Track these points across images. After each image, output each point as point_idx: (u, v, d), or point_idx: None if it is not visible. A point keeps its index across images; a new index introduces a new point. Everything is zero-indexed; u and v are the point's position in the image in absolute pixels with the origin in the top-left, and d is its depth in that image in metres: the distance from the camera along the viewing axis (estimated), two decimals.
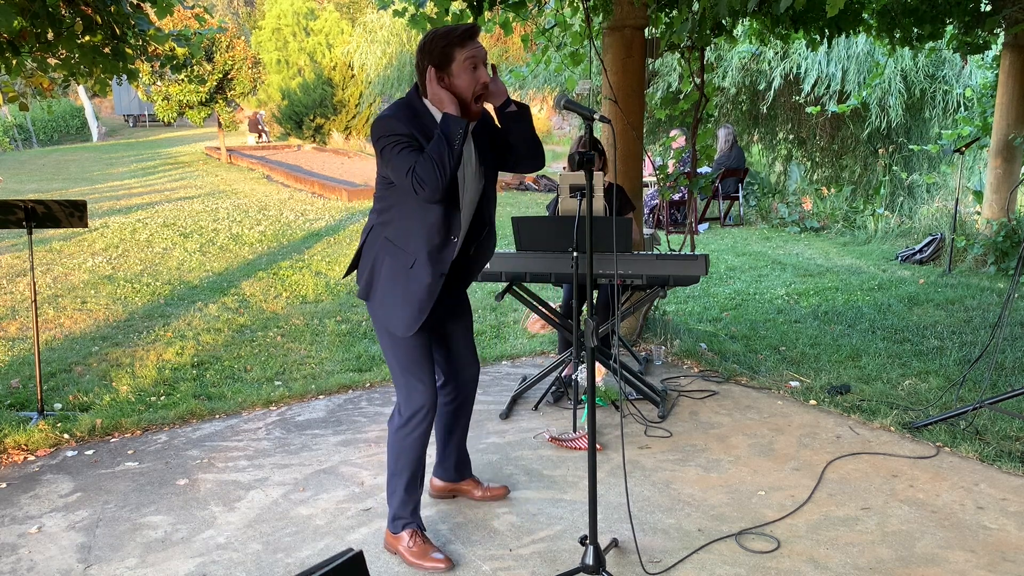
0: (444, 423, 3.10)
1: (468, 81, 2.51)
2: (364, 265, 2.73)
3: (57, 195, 13.47)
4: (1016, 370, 4.65)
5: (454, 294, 2.87)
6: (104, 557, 2.84)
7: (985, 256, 7.54)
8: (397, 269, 2.63)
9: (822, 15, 5.32)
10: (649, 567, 2.72)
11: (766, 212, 11.13)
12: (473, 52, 2.50)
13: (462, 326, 2.97)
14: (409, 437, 2.76)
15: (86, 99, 30.31)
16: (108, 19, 4.27)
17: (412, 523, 2.81)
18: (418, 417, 2.75)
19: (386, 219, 2.66)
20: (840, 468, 3.48)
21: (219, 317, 6.08)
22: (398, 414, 2.78)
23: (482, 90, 2.54)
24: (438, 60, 2.51)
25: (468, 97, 2.53)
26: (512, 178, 15.11)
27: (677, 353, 5.12)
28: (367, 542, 2.92)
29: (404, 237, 2.62)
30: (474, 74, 2.51)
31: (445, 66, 2.50)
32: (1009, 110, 7.62)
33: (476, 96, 2.54)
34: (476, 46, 2.51)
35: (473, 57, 2.50)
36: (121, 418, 4.05)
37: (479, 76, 2.52)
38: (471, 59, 2.50)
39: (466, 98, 2.53)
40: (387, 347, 2.73)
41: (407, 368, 2.72)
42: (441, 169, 2.41)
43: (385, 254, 2.65)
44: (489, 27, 5.37)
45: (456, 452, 3.18)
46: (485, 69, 2.54)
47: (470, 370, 3.04)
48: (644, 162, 5.48)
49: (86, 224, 4.23)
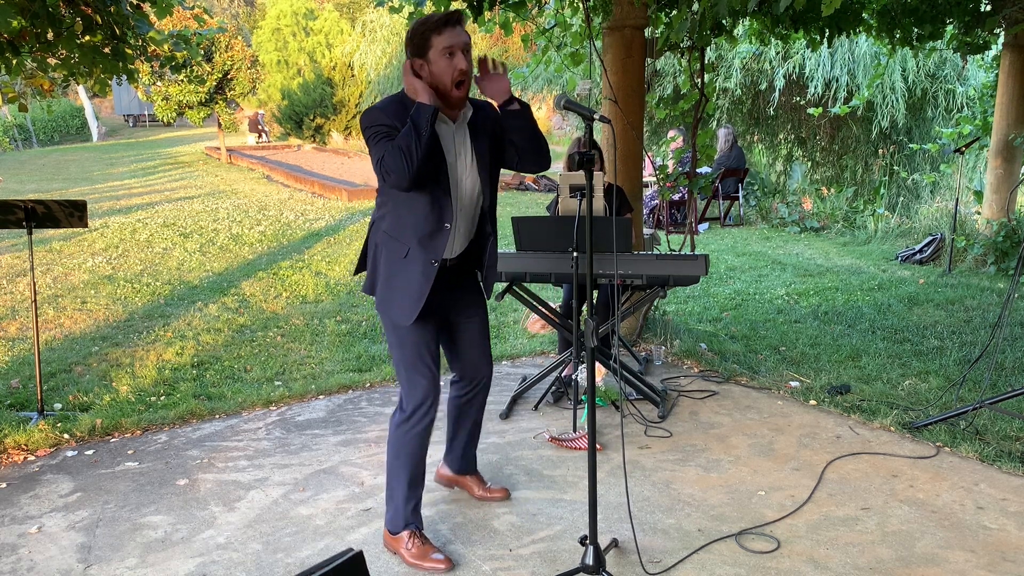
0: (453, 414, 3.13)
1: (445, 68, 2.51)
2: (367, 260, 2.78)
3: (57, 195, 13.47)
4: (1016, 370, 4.65)
5: (462, 288, 2.88)
6: (104, 557, 2.84)
7: (985, 256, 7.54)
8: (393, 259, 2.67)
9: (822, 15, 5.31)
10: (649, 567, 2.72)
11: (766, 212, 11.13)
12: (451, 40, 2.50)
13: (472, 325, 2.95)
14: (410, 433, 2.77)
15: (86, 99, 30.31)
16: (108, 19, 4.27)
17: (412, 523, 2.80)
18: (420, 412, 2.75)
19: (383, 212, 2.70)
20: (840, 468, 3.48)
21: (219, 317, 6.08)
22: (400, 409, 2.79)
23: (461, 77, 2.53)
24: (417, 48, 2.54)
25: (447, 84, 2.53)
26: (512, 178, 15.10)
27: (677, 353, 5.12)
28: (367, 542, 2.91)
29: (398, 227, 2.66)
30: (451, 61, 2.51)
31: (423, 53, 2.52)
32: (1009, 110, 7.62)
33: (456, 83, 2.54)
34: (455, 33, 2.51)
35: (451, 45, 2.50)
36: (121, 418, 4.05)
37: (456, 63, 2.51)
38: (448, 47, 2.50)
39: (444, 85, 2.54)
40: (392, 342, 2.76)
41: (410, 362, 2.74)
42: (407, 157, 2.43)
43: (383, 246, 2.70)
44: (489, 27, 5.37)
45: (461, 446, 3.18)
46: (464, 56, 2.53)
47: (480, 371, 3.01)
48: (644, 162, 5.48)
49: (86, 224, 4.23)
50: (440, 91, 2.54)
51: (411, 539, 2.77)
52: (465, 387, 3.05)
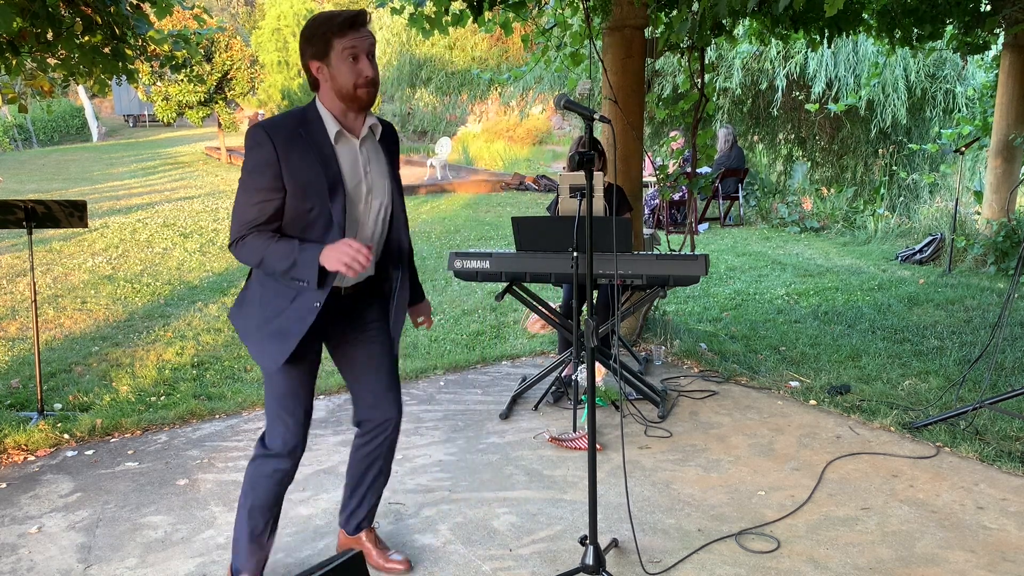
0: (352, 468, 2.72)
1: (347, 73, 2.29)
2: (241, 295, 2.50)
3: (57, 195, 13.47)
4: (1016, 370, 4.65)
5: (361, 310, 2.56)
6: (104, 557, 2.84)
7: (985, 256, 7.54)
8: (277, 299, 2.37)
9: (822, 15, 5.32)
10: (649, 567, 2.72)
11: (766, 212, 11.13)
12: (353, 42, 2.28)
13: (373, 344, 2.58)
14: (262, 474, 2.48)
15: (86, 99, 30.29)
16: (108, 19, 4.27)
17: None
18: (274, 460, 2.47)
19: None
20: (840, 468, 3.48)
21: (219, 317, 6.08)
22: (261, 443, 2.50)
23: (365, 84, 2.31)
24: (317, 50, 2.31)
25: (349, 90, 2.31)
26: (512, 177, 15.11)
27: (677, 353, 5.12)
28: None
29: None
30: (355, 66, 2.29)
31: (323, 56, 2.30)
32: (1009, 110, 7.62)
33: (357, 87, 2.31)
34: (358, 36, 2.29)
35: (353, 47, 2.28)
36: (121, 418, 4.05)
37: (361, 68, 2.30)
38: (350, 49, 2.28)
39: (347, 91, 2.31)
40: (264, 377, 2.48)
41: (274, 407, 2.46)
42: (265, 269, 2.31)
43: (257, 283, 2.42)
44: (489, 27, 5.37)
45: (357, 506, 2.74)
46: (369, 61, 2.32)
47: (382, 412, 2.61)
48: (644, 162, 5.48)
49: (86, 224, 4.23)
50: (341, 96, 2.32)
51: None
52: (367, 432, 2.65)
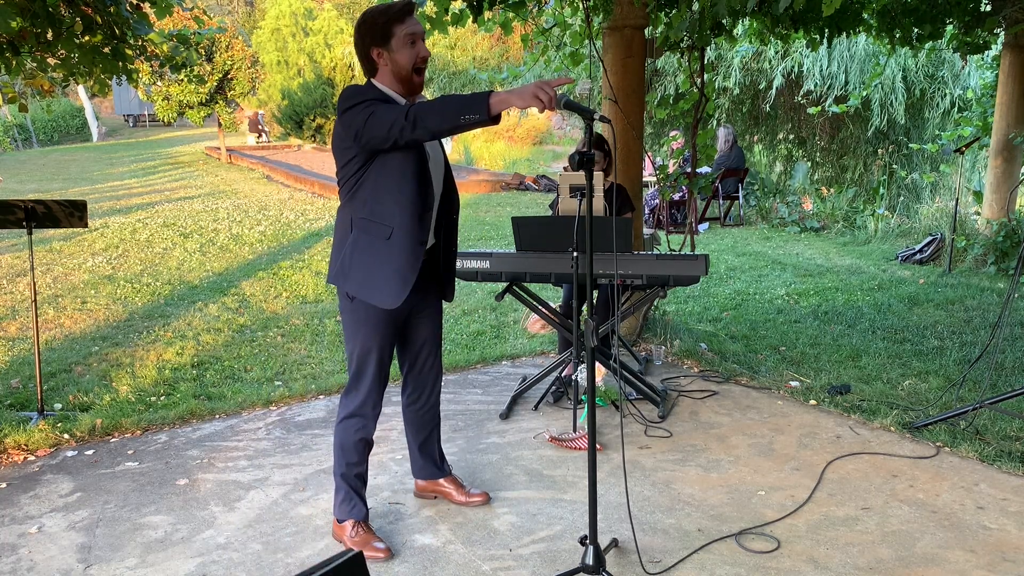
0: (409, 426, 3.10)
1: (408, 56, 2.61)
2: (336, 251, 2.71)
3: (57, 195, 13.47)
4: (1016, 370, 4.65)
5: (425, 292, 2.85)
6: (104, 557, 2.84)
7: (985, 256, 7.54)
8: (375, 243, 2.62)
9: (822, 15, 5.31)
10: (649, 567, 2.72)
11: (766, 212, 11.13)
12: (412, 27, 2.60)
13: (427, 330, 2.94)
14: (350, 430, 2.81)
15: (86, 99, 30.30)
16: (108, 19, 4.27)
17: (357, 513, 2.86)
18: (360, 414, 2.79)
19: (357, 201, 2.64)
20: (840, 468, 3.48)
21: (219, 317, 6.08)
22: (343, 405, 2.82)
23: (422, 64, 2.63)
24: (378, 37, 2.60)
25: (408, 71, 2.63)
26: (512, 177, 15.10)
27: (677, 353, 5.12)
28: None
29: (380, 213, 2.62)
30: (413, 49, 2.61)
31: (385, 42, 2.59)
32: (1009, 110, 7.62)
33: (416, 69, 2.63)
34: (415, 22, 2.61)
35: (412, 32, 2.60)
36: (121, 418, 4.05)
37: (418, 50, 2.61)
38: (410, 35, 2.59)
39: (406, 72, 2.62)
40: (351, 335, 2.73)
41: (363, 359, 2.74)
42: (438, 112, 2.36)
43: (360, 232, 2.64)
44: (489, 27, 5.37)
45: (424, 455, 3.14)
46: (423, 43, 2.64)
47: (429, 376, 3.01)
48: (644, 162, 5.48)
49: (86, 224, 4.23)
50: (401, 79, 2.62)
51: (355, 528, 2.83)
52: (413, 393, 3.03)
